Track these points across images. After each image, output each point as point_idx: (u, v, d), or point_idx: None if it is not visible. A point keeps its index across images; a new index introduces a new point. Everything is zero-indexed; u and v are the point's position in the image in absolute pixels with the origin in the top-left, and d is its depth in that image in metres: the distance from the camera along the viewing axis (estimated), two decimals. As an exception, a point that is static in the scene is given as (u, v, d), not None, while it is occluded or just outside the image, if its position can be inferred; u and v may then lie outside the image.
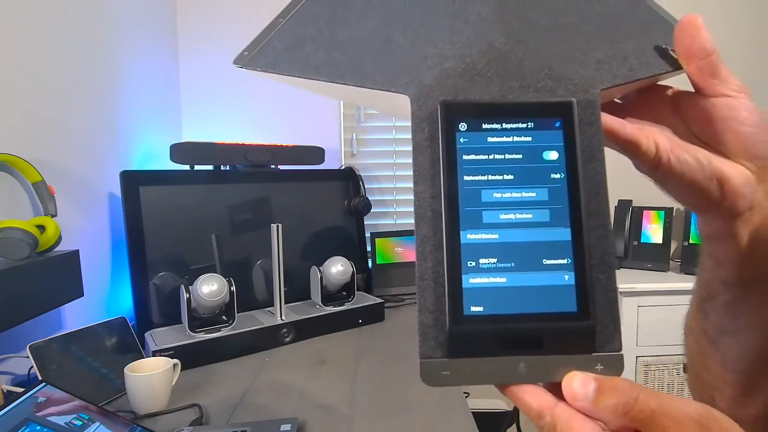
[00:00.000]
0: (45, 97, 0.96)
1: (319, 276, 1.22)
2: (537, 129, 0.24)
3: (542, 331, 0.23)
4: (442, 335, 0.23)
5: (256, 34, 0.34)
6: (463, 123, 0.24)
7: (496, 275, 0.23)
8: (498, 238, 0.23)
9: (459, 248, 0.23)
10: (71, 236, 0.97)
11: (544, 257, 0.23)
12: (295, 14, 0.33)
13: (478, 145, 0.24)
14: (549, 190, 0.24)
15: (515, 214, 0.24)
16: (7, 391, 0.77)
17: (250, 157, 1.31)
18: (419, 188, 0.24)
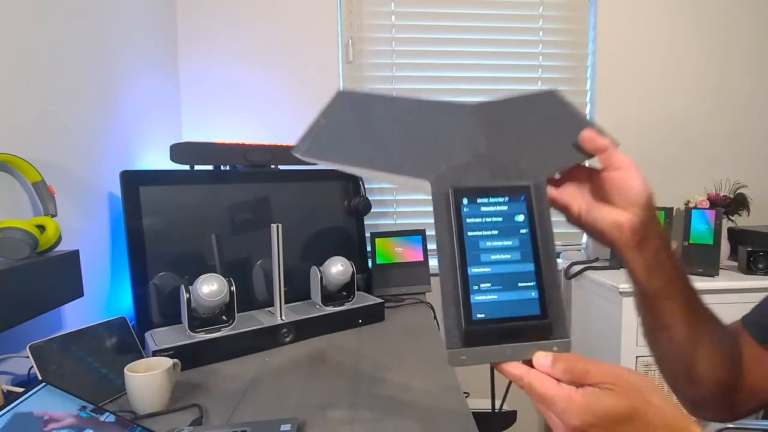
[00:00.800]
0: (45, 97, 0.96)
1: (319, 276, 1.22)
2: (510, 202, 0.41)
3: (520, 327, 0.38)
4: (460, 333, 0.37)
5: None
6: (465, 199, 0.40)
7: (491, 294, 0.38)
8: (490, 271, 0.39)
9: (467, 278, 0.38)
10: (71, 236, 0.97)
11: (519, 282, 0.39)
12: (333, 117, 0.48)
13: (475, 212, 0.40)
14: (519, 240, 0.40)
15: (500, 255, 0.39)
16: (7, 391, 0.77)
17: (250, 157, 1.31)
18: (440, 239, 0.40)
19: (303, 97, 1.67)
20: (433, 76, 1.73)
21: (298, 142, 0.47)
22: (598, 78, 1.76)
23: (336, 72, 1.68)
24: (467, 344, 0.37)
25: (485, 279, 0.39)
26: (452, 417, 0.77)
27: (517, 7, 1.74)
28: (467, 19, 1.72)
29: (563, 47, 1.78)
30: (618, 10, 1.74)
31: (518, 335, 0.38)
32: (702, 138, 1.79)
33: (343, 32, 1.68)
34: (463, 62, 1.73)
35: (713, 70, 1.77)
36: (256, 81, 1.64)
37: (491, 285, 0.38)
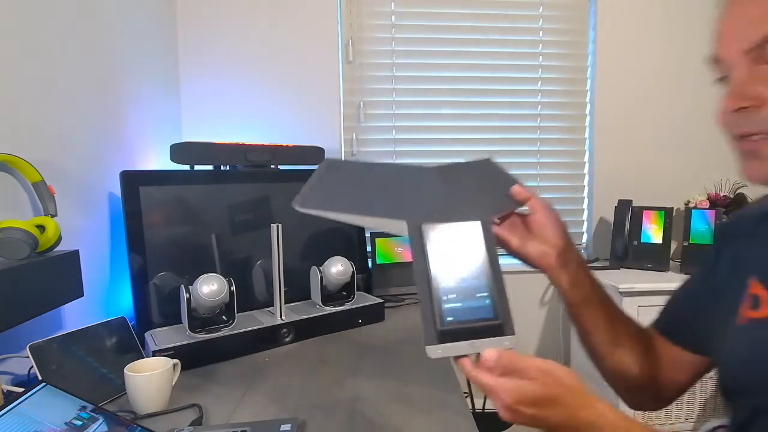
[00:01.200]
0: (45, 98, 0.96)
1: (319, 276, 1.22)
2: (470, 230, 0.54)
3: (479, 327, 0.49)
4: (435, 333, 0.49)
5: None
6: (433, 233, 0.53)
7: (456, 303, 0.50)
8: (454, 286, 0.51)
9: (439, 292, 0.50)
10: (71, 236, 0.97)
11: (476, 293, 0.51)
12: (323, 177, 0.62)
13: (442, 242, 0.53)
14: (473, 261, 0.52)
15: (461, 274, 0.51)
16: (7, 391, 0.77)
17: (250, 157, 1.31)
18: (416, 263, 0.52)
19: (303, 96, 1.67)
20: (433, 76, 1.73)
21: (297, 197, 0.60)
22: (598, 78, 1.76)
23: (336, 72, 1.68)
24: (441, 341, 0.49)
25: (452, 292, 0.51)
26: (452, 417, 0.77)
27: (517, 7, 1.74)
28: (467, 19, 1.72)
29: (563, 47, 1.78)
30: (618, 10, 1.74)
31: (478, 333, 0.49)
32: (702, 138, 1.78)
33: (343, 32, 1.68)
34: (463, 62, 1.73)
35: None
36: (256, 80, 1.64)
37: (456, 297, 0.51)
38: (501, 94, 1.75)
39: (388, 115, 1.73)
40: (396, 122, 1.73)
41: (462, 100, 1.74)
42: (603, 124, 1.77)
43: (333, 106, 1.69)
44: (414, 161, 1.74)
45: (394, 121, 1.73)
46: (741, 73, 0.49)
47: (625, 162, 1.77)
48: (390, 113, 1.73)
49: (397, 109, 1.73)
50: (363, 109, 1.70)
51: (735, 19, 0.51)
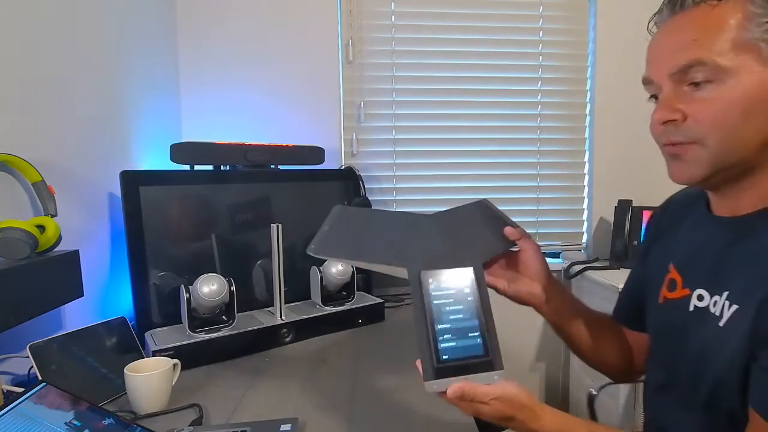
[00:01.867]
0: (45, 97, 0.96)
1: (319, 276, 1.22)
2: (464, 275, 0.61)
3: (472, 363, 0.56)
4: (433, 369, 0.55)
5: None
6: (431, 279, 0.59)
7: (451, 342, 0.56)
8: (450, 326, 0.57)
9: (435, 332, 0.56)
10: (71, 236, 0.97)
11: (469, 333, 0.57)
12: (334, 225, 0.71)
13: (438, 286, 0.59)
14: (466, 303, 0.59)
15: (456, 315, 0.58)
16: (7, 391, 0.77)
17: (250, 157, 1.31)
18: (415, 306, 0.58)
19: (303, 96, 1.67)
20: (433, 76, 1.73)
21: (311, 244, 0.70)
22: (598, 78, 1.76)
23: (336, 72, 1.68)
24: (438, 377, 0.55)
25: (447, 332, 0.57)
26: (452, 416, 0.77)
27: (517, 7, 1.74)
28: (467, 19, 1.72)
29: (563, 47, 1.78)
30: (618, 11, 1.74)
31: (470, 369, 0.56)
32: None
33: (343, 32, 1.68)
34: (463, 62, 1.73)
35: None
36: (256, 80, 1.64)
37: (451, 336, 0.57)
38: (501, 94, 1.75)
39: (388, 115, 1.73)
40: (396, 122, 1.73)
41: (462, 100, 1.74)
42: (603, 124, 1.77)
43: (333, 106, 1.69)
44: (413, 161, 1.75)
45: (394, 121, 1.73)
46: (667, 93, 0.60)
47: (625, 162, 1.77)
48: (390, 113, 1.73)
49: (397, 109, 1.73)
50: (363, 109, 1.70)
51: (662, 47, 0.62)
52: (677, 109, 0.58)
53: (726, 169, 0.58)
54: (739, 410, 0.57)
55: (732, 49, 0.55)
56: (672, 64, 0.58)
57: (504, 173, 1.79)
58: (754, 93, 0.55)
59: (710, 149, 0.57)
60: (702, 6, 0.57)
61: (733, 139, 0.57)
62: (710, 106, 0.56)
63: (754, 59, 0.55)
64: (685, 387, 0.65)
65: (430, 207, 1.76)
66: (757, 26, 0.55)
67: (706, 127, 0.57)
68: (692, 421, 0.63)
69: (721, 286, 0.61)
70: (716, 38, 0.55)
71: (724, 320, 0.59)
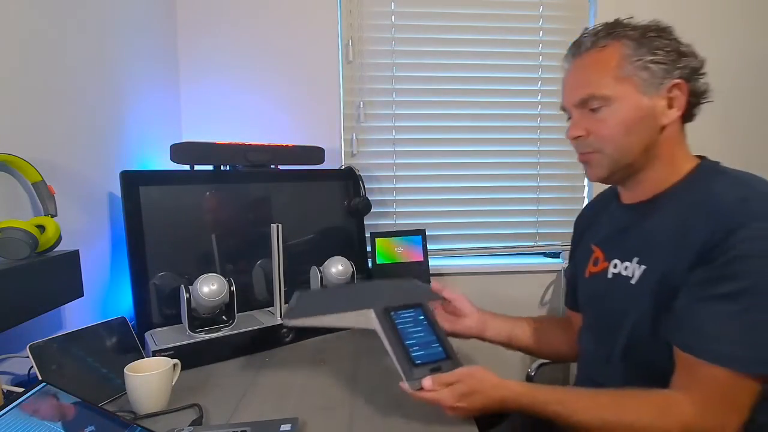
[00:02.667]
0: (45, 97, 0.96)
1: (319, 276, 1.22)
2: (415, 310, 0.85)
3: (438, 365, 0.75)
4: (410, 371, 0.73)
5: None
6: (393, 312, 0.82)
7: (420, 351, 0.77)
8: (415, 341, 0.78)
9: (407, 346, 0.77)
10: (71, 236, 0.97)
11: (431, 345, 0.79)
12: (300, 298, 0.95)
13: (398, 317, 0.82)
14: (423, 326, 0.82)
15: (418, 334, 0.80)
16: (7, 391, 0.77)
17: (250, 157, 1.31)
18: (386, 334, 0.78)
19: (303, 96, 1.67)
20: (433, 76, 1.73)
21: (284, 315, 0.92)
22: (598, 78, 1.76)
23: (336, 72, 1.68)
24: (415, 377, 0.72)
25: (415, 345, 0.77)
26: (451, 416, 0.77)
27: (517, 7, 1.74)
28: (467, 19, 1.72)
29: (563, 47, 1.77)
30: (618, 11, 1.73)
31: (439, 368, 0.74)
32: (701, 137, 1.78)
33: (343, 32, 1.68)
34: (463, 62, 1.73)
35: (713, 71, 1.77)
36: (256, 80, 1.64)
37: (418, 348, 0.77)
38: (501, 94, 1.75)
39: (388, 115, 1.72)
40: (396, 122, 1.73)
41: (462, 99, 1.74)
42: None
43: (333, 106, 1.68)
44: (413, 161, 1.74)
45: (394, 121, 1.73)
46: (575, 116, 0.82)
47: (625, 162, 1.77)
48: (390, 113, 1.72)
49: (397, 109, 1.73)
50: (363, 109, 1.70)
51: (568, 84, 0.83)
52: (583, 128, 0.80)
53: (622, 168, 0.80)
54: (653, 362, 0.74)
55: (614, 82, 0.76)
56: (575, 98, 0.80)
57: (504, 173, 1.78)
58: (633, 114, 0.76)
59: (608, 156, 0.79)
60: (591, 51, 0.79)
61: (623, 148, 0.78)
62: (604, 124, 0.78)
63: (631, 89, 0.76)
64: (606, 342, 0.83)
65: (430, 207, 1.76)
66: (630, 64, 0.76)
67: (603, 140, 0.78)
68: (614, 372, 0.81)
69: (631, 254, 0.81)
70: (603, 75, 0.77)
71: (635, 279, 0.78)
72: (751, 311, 0.64)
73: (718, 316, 0.66)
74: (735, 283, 0.65)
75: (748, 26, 1.76)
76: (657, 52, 0.76)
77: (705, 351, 0.65)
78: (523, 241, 1.80)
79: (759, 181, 0.74)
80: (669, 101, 0.77)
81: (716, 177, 0.76)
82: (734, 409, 0.65)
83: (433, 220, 1.76)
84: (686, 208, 0.75)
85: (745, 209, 0.67)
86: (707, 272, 0.67)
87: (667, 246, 0.74)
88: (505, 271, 1.72)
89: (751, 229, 0.65)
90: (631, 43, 0.77)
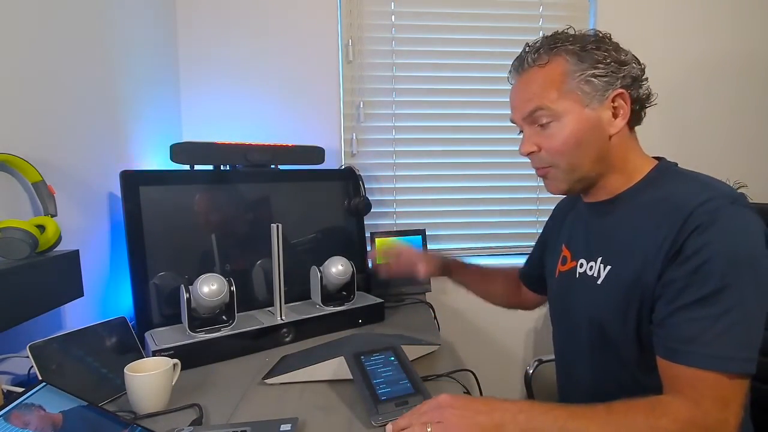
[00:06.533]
0: (45, 97, 0.96)
1: (319, 276, 1.22)
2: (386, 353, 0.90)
3: (406, 398, 0.78)
4: (376, 406, 0.77)
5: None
6: (363, 357, 0.87)
7: (387, 389, 0.80)
8: (383, 380, 0.82)
9: (373, 384, 0.81)
10: (71, 236, 0.97)
11: (399, 381, 0.82)
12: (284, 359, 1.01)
13: (368, 361, 0.87)
14: (393, 366, 0.87)
15: (387, 374, 0.84)
16: (7, 391, 0.77)
17: (250, 157, 1.31)
18: (355, 375, 0.84)
19: (303, 96, 1.67)
20: (433, 76, 1.73)
21: (266, 374, 0.93)
22: (598, 78, 1.76)
23: (336, 72, 1.68)
24: (379, 412, 0.76)
25: (382, 383, 0.81)
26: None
27: (517, 7, 1.74)
28: (467, 19, 1.72)
29: (563, 47, 1.77)
30: (618, 11, 1.74)
31: (405, 403, 0.77)
32: (702, 138, 1.79)
33: (343, 32, 1.68)
34: (463, 62, 1.73)
35: (713, 71, 1.77)
36: (256, 80, 1.64)
37: (386, 386, 0.81)
38: (501, 94, 1.75)
39: (388, 115, 1.73)
40: (396, 122, 1.73)
41: (462, 99, 1.74)
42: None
43: (333, 106, 1.69)
44: (413, 161, 1.75)
45: (394, 121, 1.73)
46: (527, 132, 0.83)
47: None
48: (390, 113, 1.72)
49: (397, 109, 1.73)
50: (363, 109, 1.70)
51: (515, 98, 0.84)
52: (534, 143, 0.81)
53: (578, 180, 0.81)
54: (621, 350, 0.78)
55: (559, 97, 0.77)
56: (523, 111, 0.81)
57: (504, 173, 1.78)
58: (580, 126, 0.77)
59: (562, 169, 0.80)
60: (534, 67, 0.79)
61: (575, 161, 0.79)
62: (554, 140, 0.78)
63: (576, 102, 0.77)
64: (576, 334, 0.87)
65: (429, 207, 1.76)
66: (573, 79, 0.76)
67: (554, 155, 0.80)
68: (586, 360, 0.85)
69: (594, 254, 0.84)
70: (548, 90, 0.77)
71: (601, 279, 0.81)
72: (728, 313, 0.64)
73: (695, 321, 0.66)
74: (707, 286, 0.65)
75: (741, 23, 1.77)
76: (598, 66, 0.76)
77: (687, 355, 0.66)
78: (523, 241, 1.80)
79: (718, 182, 0.75)
80: (614, 111, 0.78)
81: (675, 177, 0.78)
82: (728, 407, 0.64)
83: (433, 220, 1.76)
84: (645, 207, 0.76)
85: (711, 210, 0.68)
86: (680, 278, 0.68)
87: (631, 247, 0.75)
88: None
89: (718, 230, 0.66)
90: (571, 58, 0.77)
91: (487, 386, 1.11)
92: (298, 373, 0.91)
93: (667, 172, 0.80)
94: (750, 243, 0.67)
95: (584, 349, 0.85)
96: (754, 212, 0.70)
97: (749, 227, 0.68)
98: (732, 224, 0.67)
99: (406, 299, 1.49)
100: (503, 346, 1.79)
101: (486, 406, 0.66)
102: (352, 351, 0.88)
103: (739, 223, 0.68)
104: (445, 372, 0.94)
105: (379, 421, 0.74)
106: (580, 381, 0.88)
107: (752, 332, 0.65)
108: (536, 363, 1.42)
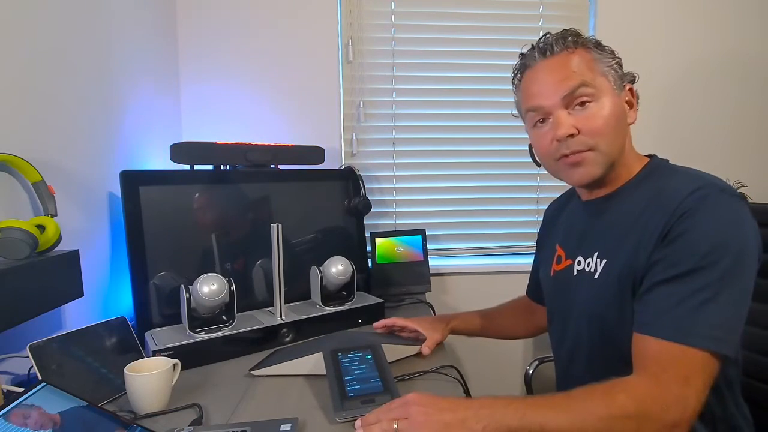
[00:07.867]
0: (45, 97, 0.96)
1: (319, 276, 1.22)
2: (364, 351, 0.91)
3: (373, 396, 0.79)
4: (342, 402, 0.78)
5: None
6: (341, 353, 0.89)
7: (356, 386, 0.82)
8: (354, 377, 0.84)
9: (343, 380, 0.83)
10: (71, 236, 0.97)
11: (370, 380, 0.83)
12: (273, 353, 1.06)
13: (347, 358, 0.88)
14: (368, 364, 0.87)
15: (360, 371, 0.85)
16: (7, 391, 0.77)
17: (250, 157, 1.31)
18: (329, 372, 0.85)
19: (303, 96, 1.67)
20: (433, 76, 1.73)
21: (254, 367, 0.97)
22: (598, 78, 1.76)
23: (336, 72, 1.68)
24: (345, 408, 0.76)
25: (353, 380, 0.82)
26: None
27: (517, 7, 1.74)
28: (467, 18, 1.72)
29: (563, 47, 1.77)
30: (618, 11, 1.74)
31: (372, 401, 0.77)
32: (702, 138, 1.79)
33: (343, 32, 1.68)
34: (463, 62, 1.73)
35: (713, 72, 1.77)
36: (256, 80, 1.64)
37: (356, 382, 0.82)
38: (501, 94, 1.75)
39: (388, 115, 1.73)
40: (396, 122, 1.73)
41: (462, 99, 1.74)
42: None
43: (333, 106, 1.69)
44: (413, 161, 1.75)
45: (394, 121, 1.73)
46: (562, 114, 0.78)
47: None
48: (390, 113, 1.73)
49: (397, 109, 1.73)
50: (363, 109, 1.70)
51: (548, 80, 0.80)
52: (573, 125, 0.77)
53: (611, 165, 0.80)
54: (621, 346, 0.75)
55: (596, 78, 0.77)
56: (564, 88, 0.77)
57: (504, 173, 1.78)
58: (616, 110, 0.78)
59: (603, 152, 0.78)
60: (564, 52, 0.79)
61: (614, 143, 0.78)
62: (595, 120, 0.77)
63: (609, 85, 0.78)
64: (576, 332, 0.87)
65: (429, 207, 1.76)
66: (601, 65, 0.79)
67: (596, 136, 0.77)
68: (585, 357, 0.86)
69: (592, 250, 0.84)
70: (585, 70, 0.78)
71: (598, 273, 0.81)
72: (703, 290, 0.65)
73: (670, 296, 0.67)
74: (687, 264, 0.67)
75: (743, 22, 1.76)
76: (612, 59, 0.81)
77: (653, 326, 0.67)
78: (523, 241, 1.81)
79: (709, 175, 0.77)
80: (629, 102, 0.82)
81: (668, 173, 0.80)
82: (689, 384, 0.63)
83: (433, 220, 1.76)
84: (641, 201, 0.78)
85: (700, 197, 0.70)
86: (663, 257, 0.70)
87: (625, 239, 0.77)
88: (505, 271, 1.72)
89: (704, 214, 0.68)
90: (593, 50, 0.80)
91: (487, 386, 1.11)
92: (281, 367, 0.94)
93: (661, 168, 0.83)
94: (735, 229, 0.69)
95: (583, 347, 0.86)
96: (742, 201, 0.71)
97: (735, 215, 0.70)
98: (718, 210, 0.69)
99: (406, 299, 1.49)
100: (503, 346, 1.79)
101: (451, 404, 0.67)
102: (331, 347, 0.90)
103: (725, 210, 0.69)
104: (432, 368, 0.95)
105: (343, 417, 0.74)
106: (580, 379, 0.87)
107: (727, 313, 0.66)
108: (536, 363, 1.42)
